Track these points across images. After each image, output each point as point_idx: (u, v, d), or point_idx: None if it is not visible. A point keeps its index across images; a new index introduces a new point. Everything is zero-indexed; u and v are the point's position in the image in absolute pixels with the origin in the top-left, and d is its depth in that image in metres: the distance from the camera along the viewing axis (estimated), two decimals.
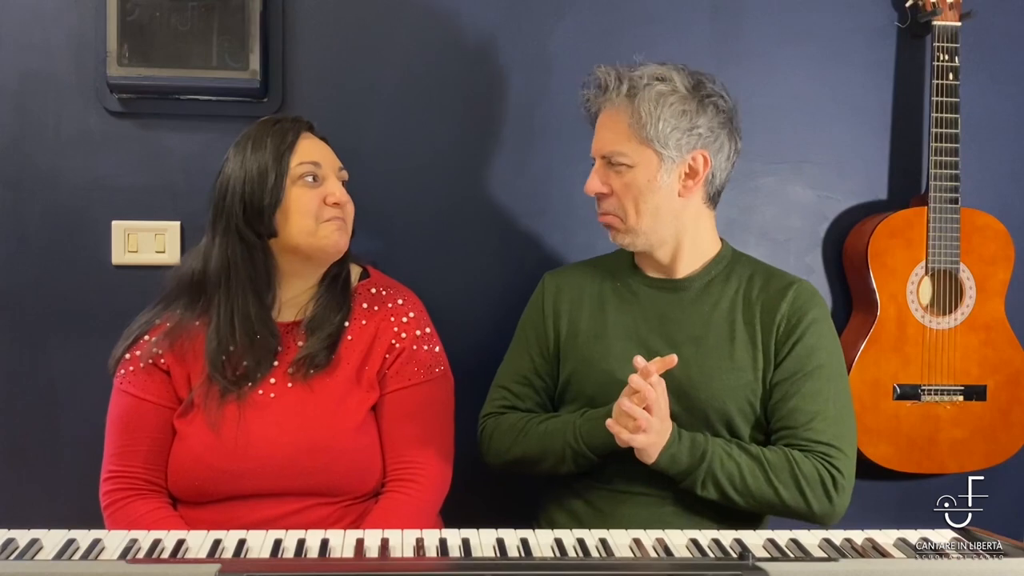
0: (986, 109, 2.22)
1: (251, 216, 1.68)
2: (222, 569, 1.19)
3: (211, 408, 1.67)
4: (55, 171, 2.08)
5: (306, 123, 1.75)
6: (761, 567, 1.22)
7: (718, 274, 1.79)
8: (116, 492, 1.68)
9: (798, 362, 1.70)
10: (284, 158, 1.68)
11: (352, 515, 1.70)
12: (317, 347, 1.70)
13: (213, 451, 1.65)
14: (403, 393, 1.75)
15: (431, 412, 1.77)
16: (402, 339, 1.76)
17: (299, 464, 1.66)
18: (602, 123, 1.75)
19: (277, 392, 1.70)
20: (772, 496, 1.65)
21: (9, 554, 1.32)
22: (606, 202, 1.74)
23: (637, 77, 1.71)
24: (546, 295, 1.86)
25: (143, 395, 1.70)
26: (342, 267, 1.78)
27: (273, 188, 1.67)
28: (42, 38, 2.06)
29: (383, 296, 1.80)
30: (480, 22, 2.15)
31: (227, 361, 1.68)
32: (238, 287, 1.69)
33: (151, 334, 1.73)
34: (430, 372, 1.77)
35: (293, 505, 1.67)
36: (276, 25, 2.08)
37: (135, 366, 1.71)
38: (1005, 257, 2.14)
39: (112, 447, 1.71)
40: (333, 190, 1.70)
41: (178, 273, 1.77)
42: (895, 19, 2.21)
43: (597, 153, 1.75)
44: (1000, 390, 2.14)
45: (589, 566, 1.36)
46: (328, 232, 1.69)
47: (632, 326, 1.77)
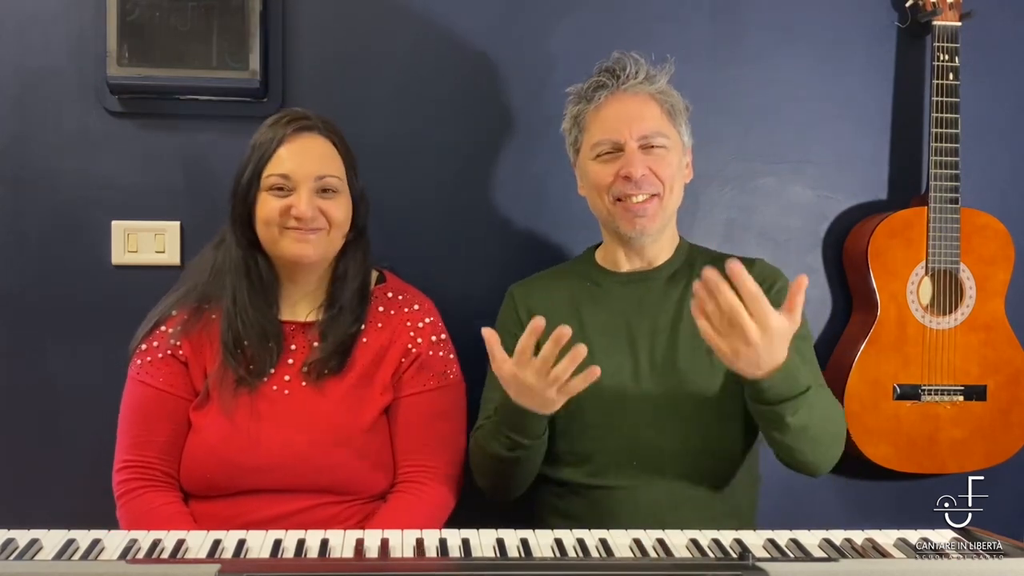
0: (986, 109, 2.22)
1: (237, 217, 1.72)
2: (222, 569, 1.19)
3: (225, 396, 1.68)
4: (55, 171, 2.08)
5: (304, 124, 1.72)
6: (761, 567, 1.22)
7: (682, 264, 1.82)
8: (132, 481, 1.68)
9: None
10: (259, 164, 1.69)
11: (360, 515, 1.71)
12: (330, 352, 1.71)
13: (227, 444, 1.66)
14: (417, 398, 1.76)
15: (443, 417, 1.77)
16: (418, 344, 1.77)
17: (311, 461, 1.67)
18: (625, 108, 1.73)
19: (291, 389, 1.71)
20: (826, 428, 1.59)
21: (9, 554, 1.32)
22: (648, 183, 1.72)
23: (646, 64, 1.75)
24: (518, 305, 1.84)
25: (161, 386, 1.71)
26: (350, 267, 1.76)
27: (250, 194, 1.70)
28: (42, 38, 2.06)
29: (399, 301, 1.81)
30: (480, 22, 2.15)
31: (240, 351, 1.69)
32: (242, 281, 1.71)
33: (168, 324, 1.74)
34: (444, 378, 1.78)
35: (303, 503, 1.67)
36: (276, 25, 2.08)
37: (152, 356, 1.72)
38: (1005, 257, 2.14)
39: (128, 437, 1.71)
40: (297, 203, 1.67)
41: (196, 261, 1.80)
42: (895, 19, 2.21)
43: (634, 136, 1.71)
44: (1000, 390, 2.14)
45: (589, 566, 1.36)
46: (288, 243, 1.69)
47: (609, 321, 1.78)
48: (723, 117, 2.17)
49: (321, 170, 1.70)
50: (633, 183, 1.71)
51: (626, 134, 1.72)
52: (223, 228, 1.77)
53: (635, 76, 1.74)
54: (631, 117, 1.72)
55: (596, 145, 1.75)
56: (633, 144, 1.71)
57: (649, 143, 1.72)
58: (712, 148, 2.14)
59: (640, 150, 1.71)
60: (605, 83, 1.74)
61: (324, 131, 1.73)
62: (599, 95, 1.74)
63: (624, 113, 1.73)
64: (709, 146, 1.83)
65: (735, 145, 2.20)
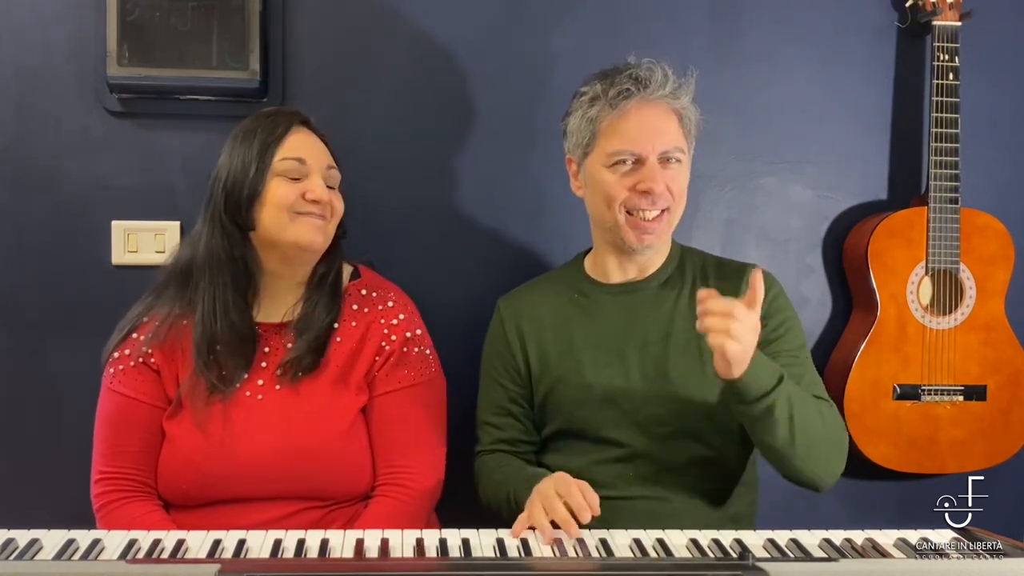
0: (986, 109, 2.22)
1: (231, 206, 1.67)
2: (222, 569, 1.19)
3: (197, 406, 1.66)
4: (55, 171, 2.08)
5: (300, 117, 1.73)
6: (761, 567, 1.22)
7: (673, 270, 1.80)
8: (109, 494, 1.67)
9: (779, 343, 1.71)
10: (269, 150, 1.66)
11: (342, 518, 1.69)
12: (304, 350, 1.68)
13: (201, 454, 1.64)
14: (392, 396, 1.73)
15: (422, 415, 1.75)
16: (392, 341, 1.75)
17: (287, 468, 1.65)
18: (649, 120, 1.68)
19: (264, 394, 1.68)
20: (819, 424, 1.60)
21: (9, 554, 1.32)
22: (662, 199, 1.69)
23: (673, 77, 1.70)
24: (506, 320, 1.83)
25: (134, 395, 1.69)
26: (330, 267, 1.76)
27: (253, 179, 1.66)
28: (42, 38, 2.06)
29: (373, 297, 1.78)
30: (480, 22, 2.14)
31: (212, 358, 1.66)
32: (220, 279, 1.67)
33: (140, 331, 1.71)
34: (420, 374, 1.76)
35: (283, 510, 1.65)
36: (276, 25, 2.08)
37: (125, 365, 1.70)
38: (1005, 257, 2.14)
39: (102, 448, 1.69)
40: (313, 187, 1.67)
41: (169, 263, 1.76)
42: (895, 19, 2.21)
43: (656, 150, 1.67)
44: (1000, 390, 2.14)
45: (589, 566, 1.37)
46: (301, 227, 1.66)
47: (599, 334, 1.76)
48: (723, 117, 2.16)
49: (328, 160, 1.73)
50: (649, 198, 1.68)
51: (648, 148, 1.67)
52: (193, 230, 1.74)
53: (662, 88, 1.68)
54: (654, 131, 1.68)
55: (614, 154, 1.69)
56: (654, 159, 1.67)
57: (668, 157, 1.69)
58: (712, 148, 2.14)
59: (659, 164, 1.68)
60: (631, 91, 1.67)
61: (316, 129, 1.76)
62: (623, 103, 1.68)
63: (647, 126, 1.68)
64: (709, 146, 1.82)
65: (735, 145, 2.20)
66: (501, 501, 1.70)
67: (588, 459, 1.73)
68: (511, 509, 1.64)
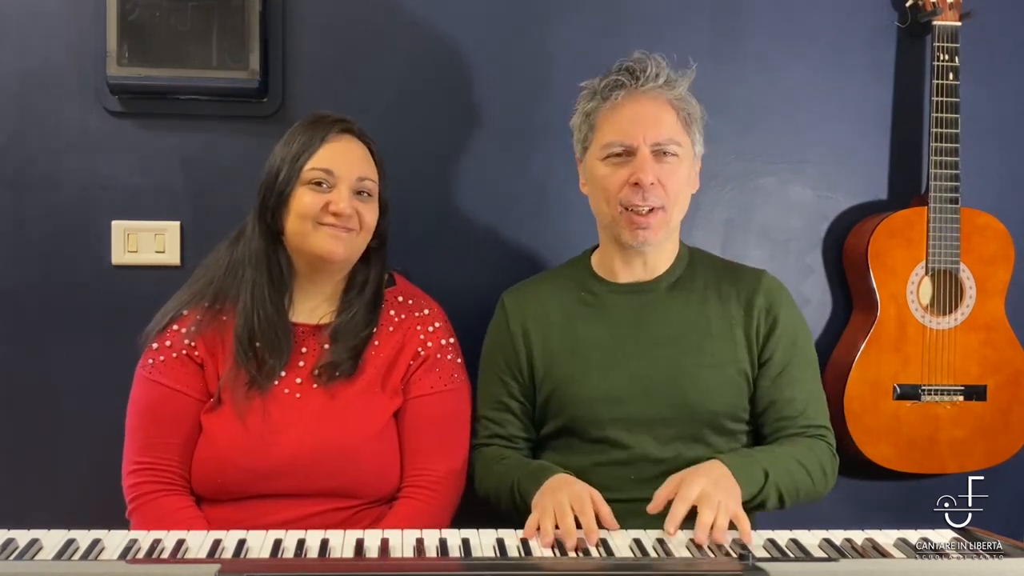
0: (986, 109, 2.22)
1: (265, 207, 1.71)
2: (222, 569, 1.19)
3: (238, 398, 1.67)
4: (55, 171, 2.08)
5: (343, 124, 1.74)
6: (761, 567, 1.22)
7: (683, 272, 1.79)
8: (147, 484, 1.67)
9: (785, 354, 1.72)
10: (301, 158, 1.68)
11: (368, 518, 1.70)
12: (343, 355, 1.70)
13: (239, 448, 1.66)
14: (425, 400, 1.76)
15: (449, 421, 1.78)
16: (428, 347, 1.78)
17: (321, 465, 1.66)
18: (641, 111, 1.68)
19: (302, 392, 1.70)
20: (810, 486, 1.68)
21: (9, 554, 1.32)
22: (654, 195, 1.68)
23: (667, 68, 1.70)
24: (510, 315, 1.82)
25: (176, 386, 1.70)
26: (369, 275, 1.77)
27: (282, 184, 1.69)
28: (42, 38, 2.06)
29: (409, 305, 1.81)
30: (480, 21, 2.14)
31: (252, 352, 1.68)
32: (260, 277, 1.70)
33: (181, 323, 1.73)
34: (451, 381, 1.78)
35: (313, 507, 1.67)
36: (276, 25, 2.08)
37: (166, 356, 1.71)
38: (1005, 257, 2.14)
39: (141, 438, 1.69)
40: (337, 199, 1.68)
41: (213, 256, 1.78)
42: (895, 19, 2.21)
43: (647, 141, 1.67)
44: (1000, 390, 2.14)
45: (589, 566, 1.37)
46: (322, 238, 1.68)
47: (606, 336, 1.75)
48: (723, 117, 2.15)
49: (361, 171, 1.72)
50: (640, 191, 1.67)
51: (639, 138, 1.67)
52: (243, 223, 1.76)
53: (655, 79, 1.68)
54: (646, 121, 1.68)
55: (607, 146, 1.69)
56: (646, 150, 1.67)
57: (662, 150, 1.68)
58: (712, 148, 2.12)
59: (652, 156, 1.67)
60: (623, 82, 1.69)
61: (363, 137, 1.76)
62: (615, 94, 1.69)
63: (639, 116, 1.68)
64: (709, 146, 1.82)
65: (735, 145, 2.20)
66: (503, 491, 1.69)
67: (589, 460, 1.72)
68: (514, 499, 1.65)
